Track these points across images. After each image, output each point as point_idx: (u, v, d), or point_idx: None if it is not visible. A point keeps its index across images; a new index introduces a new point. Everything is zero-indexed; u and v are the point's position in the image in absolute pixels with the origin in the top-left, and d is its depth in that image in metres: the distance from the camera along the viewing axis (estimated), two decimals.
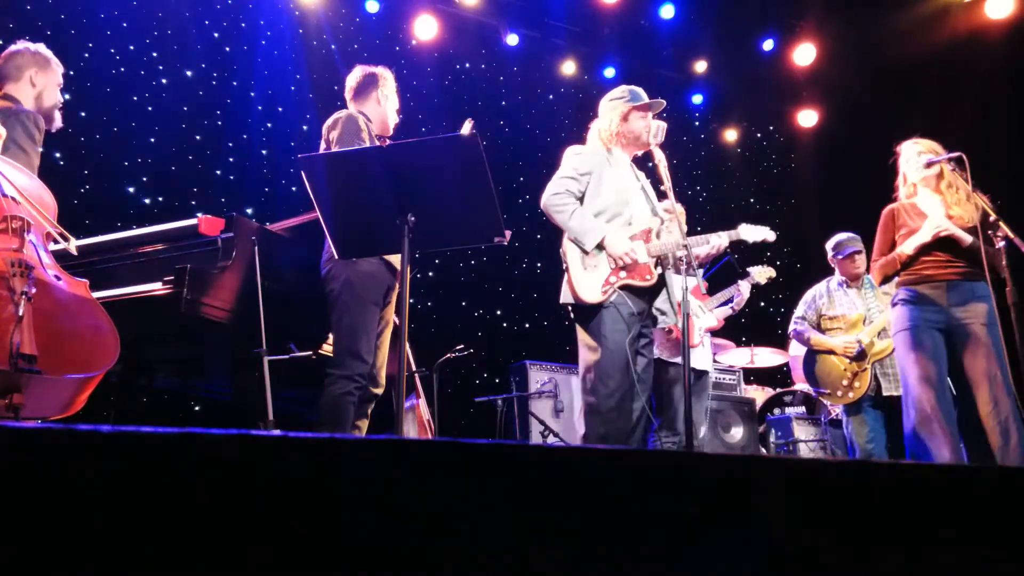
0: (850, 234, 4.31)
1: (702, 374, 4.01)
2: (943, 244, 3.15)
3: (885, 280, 3.39)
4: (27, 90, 2.97)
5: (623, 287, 2.92)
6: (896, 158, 3.43)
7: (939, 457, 2.99)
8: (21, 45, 3.02)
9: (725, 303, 4.24)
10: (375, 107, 3.12)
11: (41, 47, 3.04)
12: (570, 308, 3.04)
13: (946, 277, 3.14)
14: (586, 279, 2.96)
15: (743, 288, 4.07)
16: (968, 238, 3.12)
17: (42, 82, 3.02)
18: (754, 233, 3.19)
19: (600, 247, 2.96)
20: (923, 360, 3.10)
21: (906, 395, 3.18)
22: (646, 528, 0.87)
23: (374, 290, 2.87)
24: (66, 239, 2.39)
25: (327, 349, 3.10)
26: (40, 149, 2.89)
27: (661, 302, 3.12)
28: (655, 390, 3.71)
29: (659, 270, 3.04)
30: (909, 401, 3.14)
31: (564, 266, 3.04)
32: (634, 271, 2.93)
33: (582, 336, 2.99)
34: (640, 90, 3.20)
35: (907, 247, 3.19)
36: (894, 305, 3.30)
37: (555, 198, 3.03)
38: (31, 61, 3.00)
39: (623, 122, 3.15)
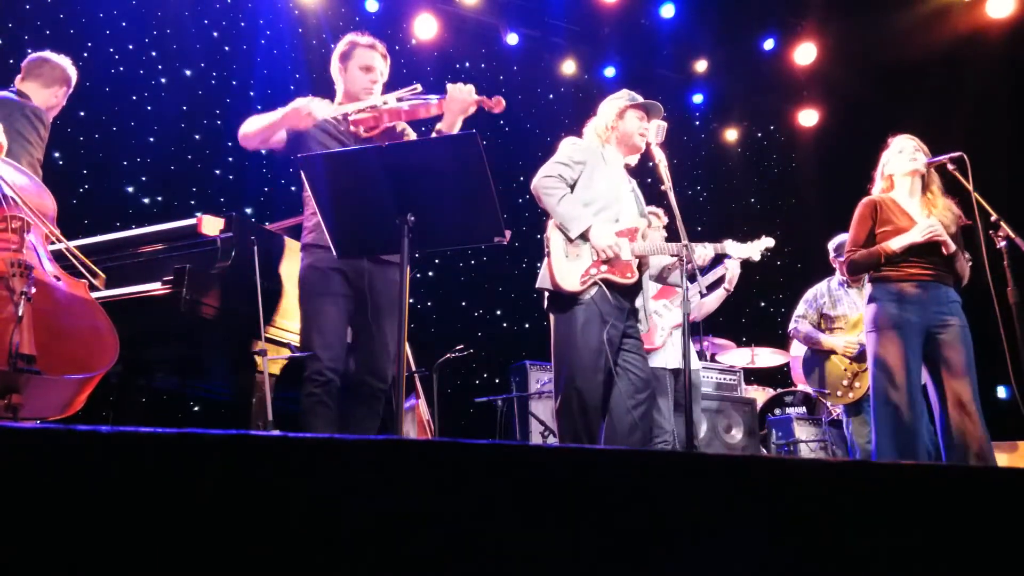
0: None
1: (678, 372, 3.91)
2: (925, 246, 3.13)
3: (858, 272, 3.34)
4: (46, 98, 3.05)
5: (602, 281, 2.91)
6: (885, 147, 3.38)
7: (908, 458, 2.97)
8: (64, 60, 3.17)
9: (714, 285, 4.09)
10: (341, 94, 3.00)
11: (75, 72, 3.15)
12: (546, 294, 3.02)
13: (924, 278, 3.13)
14: (567, 267, 2.95)
15: (730, 266, 3.81)
16: (952, 245, 3.12)
17: (59, 101, 3.12)
18: (739, 250, 3.20)
19: (585, 237, 2.94)
20: (896, 361, 3.06)
21: (876, 395, 3.12)
22: (647, 528, 0.87)
23: (316, 281, 2.74)
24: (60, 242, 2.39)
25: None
26: (44, 145, 2.93)
27: (636, 305, 3.10)
28: None
29: (641, 273, 3.03)
30: (881, 402, 3.09)
31: (546, 251, 3.03)
32: (615, 267, 2.92)
33: (554, 327, 2.98)
34: (639, 97, 3.20)
35: (894, 244, 3.14)
36: (870, 302, 3.23)
37: (546, 180, 3.02)
38: (64, 79, 3.11)
39: (618, 118, 3.15)
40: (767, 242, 3.31)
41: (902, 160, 3.26)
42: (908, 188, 3.27)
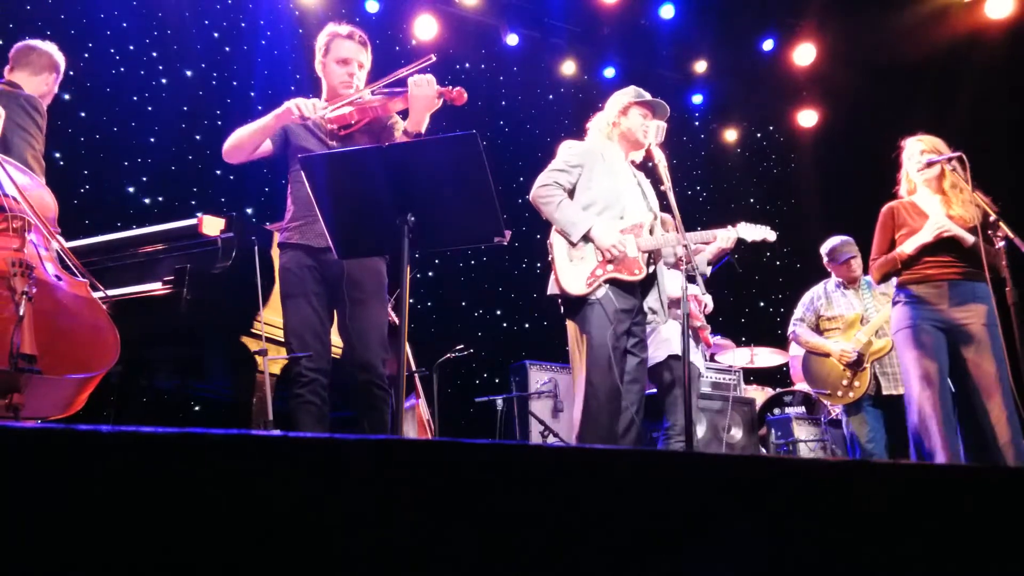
0: (843, 238, 4.29)
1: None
2: (944, 244, 3.15)
3: (884, 279, 3.39)
4: (37, 86, 3.02)
5: (609, 281, 2.90)
6: (899, 153, 3.42)
7: (936, 457, 2.99)
8: (51, 46, 3.13)
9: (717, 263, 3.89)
10: (325, 90, 2.97)
11: (63, 58, 3.13)
12: (559, 300, 3.03)
13: (947, 277, 3.15)
14: (571, 271, 2.94)
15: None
16: (970, 238, 3.12)
17: (50, 88, 3.09)
18: (753, 232, 3.16)
19: (587, 239, 2.93)
20: (923, 359, 3.10)
21: (908, 394, 3.20)
22: (646, 528, 0.87)
23: (289, 282, 2.74)
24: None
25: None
26: (43, 135, 2.92)
27: (652, 300, 3.10)
28: (660, 392, 3.69)
29: (652, 267, 3.03)
30: (910, 400, 3.15)
31: (550, 258, 3.03)
32: (622, 265, 2.91)
33: (570, 330, 2.99)
34: (647, 94, 3.19)
35: (908, 247, 3.19)
36: (895, 304, 3.30)
37: (542, 190, 3.02)
38: (52, 65, 3.09)
39: (622, 115, 3.15)
40: (771, 234, 3.23)
41: (911, 168, 3.32)
42: (929, 191, 3.31)
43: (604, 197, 3.01)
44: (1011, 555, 0.99)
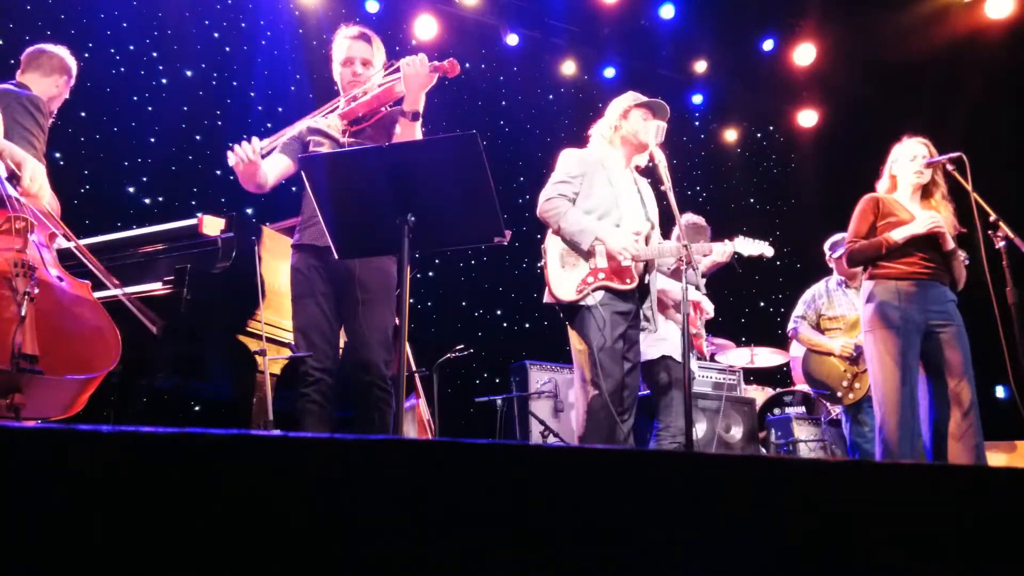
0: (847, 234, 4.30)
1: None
2: (925, 244, 3.14)
3: (858, 263, 3.32)
4: (47, 88, 3.03)
5: (601, 288, 2.91)
6: (898, 141, 3.37)
7: (909, 457, 2.98)
8: (62, 50, 3.15)
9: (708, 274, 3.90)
10: (341, 90, 3.00)
11: (74, 62, 3.15)
12: (557, 308, 3.04)
13: (921, 276, 3.13)
14: (563, 277, 2.96)
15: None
16: (952, 242, 3.12)
17: (60, 90, 3.10)
18: (750, 247, 3.15)
19: (591, 254, 2.93)
20: (894, 363, 3.06)
21: (876, 396, 3.14)
22: (645, 528, 0.87)
23: (298, 283, 2.75)
24: (68, 239, 2.40)
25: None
26: (46, 135, 2.93)
27: (644, 308, 3.10)
28: (654, 392, 3.70)
29: (646, 277, 3.03)
30: (879, 403, 3.10)
31: (543, 263, 3.04)
32: (615, 273, 2.92)
33: (570, 336, 3.00)
34: (644, 97, 3.19)
35: (896, 234, 3.15)
36: (868, 303, 3.23)
37: (547, 204, 3.04)
38: (63, 68, 3.10)
39: (623, 118, 3.15)
40: (768, 249, 3.23)
41: (910, 168, 3.27)
42: (910, 193, 3.28)
43: (603, 204, 3.02)
44: (1010, 555, 0.99)
